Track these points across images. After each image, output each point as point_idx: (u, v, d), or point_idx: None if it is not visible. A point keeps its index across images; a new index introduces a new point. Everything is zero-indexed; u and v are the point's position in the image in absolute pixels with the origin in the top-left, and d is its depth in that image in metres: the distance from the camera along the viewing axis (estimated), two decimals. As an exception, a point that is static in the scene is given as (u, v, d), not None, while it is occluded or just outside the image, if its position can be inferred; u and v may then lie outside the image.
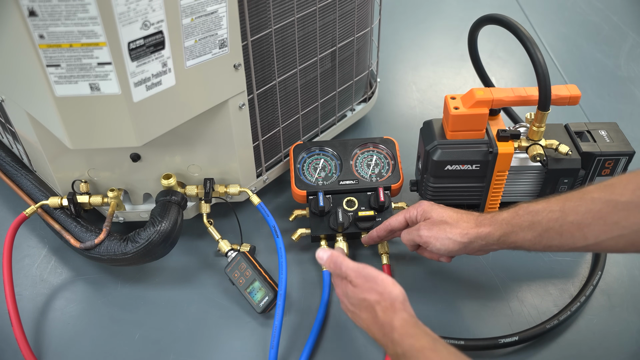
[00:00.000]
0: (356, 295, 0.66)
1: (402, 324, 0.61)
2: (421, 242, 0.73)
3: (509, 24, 0.77)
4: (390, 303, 0.63)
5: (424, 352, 0.58)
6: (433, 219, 0.73)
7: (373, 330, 0.64)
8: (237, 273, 0.80)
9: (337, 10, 0.87)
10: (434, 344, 0.59)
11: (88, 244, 0.78)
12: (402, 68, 1.31)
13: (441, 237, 0.71)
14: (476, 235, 0.69)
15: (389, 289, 0.64)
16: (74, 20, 0.56)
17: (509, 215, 0.68)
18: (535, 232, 0.65)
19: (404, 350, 0.59)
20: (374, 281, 0.65)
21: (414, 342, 0.59)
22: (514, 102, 0.82)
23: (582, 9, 1.52)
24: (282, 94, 0.87)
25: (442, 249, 0.71)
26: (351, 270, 0.67)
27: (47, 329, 0.79)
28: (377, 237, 0.82)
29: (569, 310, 0.78)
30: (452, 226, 0.71)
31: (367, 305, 0.64)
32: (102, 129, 0.66)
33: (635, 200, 0.58)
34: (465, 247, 0.70)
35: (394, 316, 0.62)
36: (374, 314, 0.64)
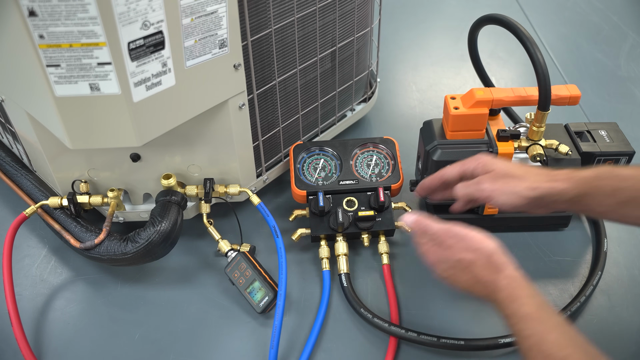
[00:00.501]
0: (451, 258, 0.63)
1: (507, 282, 0.58)
2: (482, 196, 0.67)
3: (509, 24, 0.77)
4: (487, 259, 0.60)
5: (529, 322, 0.56)
6: (497, 171, 0.67)
7: (476, 290, 0.62)
8: (237, 273, 0.80)
9: (337, 10, 0.87)
10: (538, 312, 0.56)
11: (88, 244, 0.78)
12: (402, 68, 1.31)
13: (506, 191, 0.65)
14: (547, 191, 0.63)
15: (484, 244, 0.61)
16: (74, 20, 0.56)
17: (589, 174, 0.62)
18: (616, 199, 0.60)
19: (507, 313, 0.58)
20: (465, 239, 0.62)
21: (518, 308, 0.57)
22: (514, 102, 0.82)
23: (582, 9, 1.52)
24: (282, 94, 0.87)
25: (507, 204, 0.65)
26: (441, 231, 0.65)
27: (47, 329, 0.79)
28: (429, 189, 0.76)
29: (569, 310, 0.78)
30: (519, 179, 0.65)
31: (464, 267, 0.62)
32: (102, 129, 0.66)
33: None
34: (531, 203, 0.65)
35: (497, 276, 0.59)
36: (473, 275, 0.61)
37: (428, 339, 0.74)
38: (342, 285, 0.82)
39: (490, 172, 0.67)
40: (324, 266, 0.83)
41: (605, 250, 0.86)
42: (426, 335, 0.74)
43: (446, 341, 0.73)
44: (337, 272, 0.84)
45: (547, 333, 0.54)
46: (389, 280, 0.83)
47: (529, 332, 0.55)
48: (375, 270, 0.86)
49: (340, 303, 0.82)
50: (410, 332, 0.74)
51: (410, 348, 0.76)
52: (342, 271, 0.83)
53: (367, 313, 0.77)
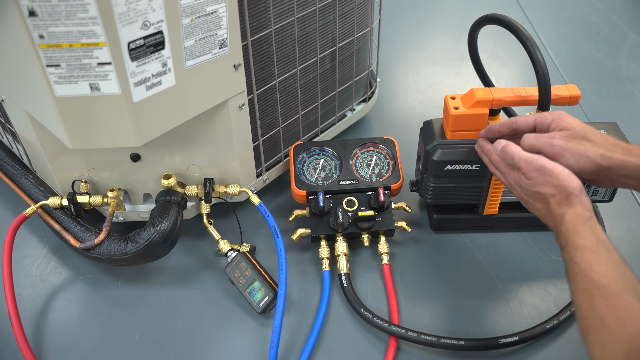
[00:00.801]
0: (530, 188, 0.64)
1: (572, 218, 0.59)
2: (552, 152, 0.65)
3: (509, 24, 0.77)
4: (566, 196, 0.60)
5: (583, 251, 0.57)
6: (574, 130, 0.65)
7: (546, 219, 0.63)
8: (237, 273, 0.80)
9: (337, 10, 0.87)
10: (596, 246, 0.57)
11: (88, 244, 0.78)
12: (402, 68, 1.31)
13: (578, 152, 0.63)
14: (620, 164, 0.62)
15: (565, 182, 0.61)
16: (74, 20, 0.56)
17: None
18: None
19: (565, 243, 0.59)
20: (549, 174, 0.62)
21: (576, 239, 0.58)
22: (514, 102, 0.82)
23: (582, 9, 1.52)
24: (282, 94, 0.87)
25: (575, 165, 0.63)
26: (524, 161, 0.64)
27: (47, 329, 0.79)
28: (498, 132, 0.74)
29: (569, 310, 0.78)
30: (594, 144, 0.63)
31: (541, 198, 0.63)
32: (102, 129, 0.66)
33: None
34: (600, 171, 0.63)
35: (567, 209, 0.60)
36: (547, 206, 0.62)
37: (428, 339, 0.74)
38: (342, 285, 0.82)
39: (568, 130, 0.65)
40: (324, 266, 0.83)
41: (605, 250, 0.86)
42: (426, 335, 0.74)
43: (446, 341, 0.73)
44: (337, 272, 0.84)
45: (597, 263, 0.56)
46: (389, 280, 0.83)
47: (579, 259, 0.57)
48: (375, 270, 0.86)
49: (340, 303, 0.82)
50: (410, 332, 0.74)
51: (410, 348, 0.76)
52: (342, 271, 0.83)
53: (367, 313, 0.77)
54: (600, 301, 0.53)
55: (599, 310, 0.53)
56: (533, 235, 0.90)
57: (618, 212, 0.94)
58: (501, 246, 0.89)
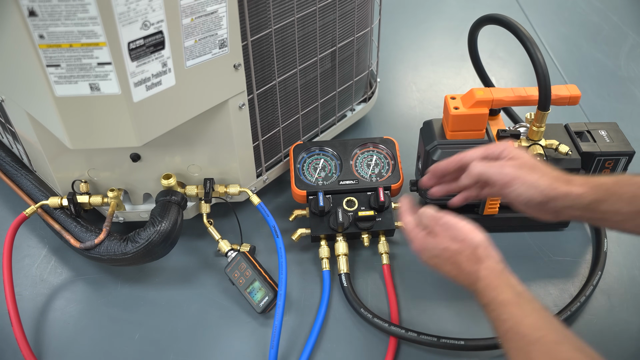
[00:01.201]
0: (437, 246, 0.63)
1: (486, 273, 0.59)
2: (502, 180, 0.63)
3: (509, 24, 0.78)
4: (472, 251, 0.61)
5: (507, 307, 0.56)
6: (523, 160, 0.64)
7: (460, 280, 0.62)
8: (237, 273, 0.80)
9: (337, 10, 0.87)
10: (517, 299, 0.56)
11: (88, 244, 0.78)
12: (402, 68, 1.31)
13: (528, 182, 0.62)
14: (565, 194, 0.61)
15: (470, 236, 0.62)
16: (74, 20, 0.56)
17: (609, 181, 0.60)
18: (634, 207, 0.58)
19: (487, 301, 0.58)
20: (453, 229, 0.63)
21: (496, 295, 0.57)
22: (514, 102, 0.82)
23: (582, 9, 1.52)
24: (282, 94, 0.87)
25: (524, 194, 0.62)
26: (429, 218, 0.65)
27: (47, 329, 0.79)
28: (445, 170, 0.72)
29: (569, 310, 0.78)
30: (542, 175, 0.62)
31: (449, 256, 0.62)
32: (102, 129, 0.66)
33: None
34: (546, 203, 0.62)
35: (480, 266, 0.60)
36: (458, 265, 0.62)
37: (428, 339, 0.74)
38: (342, 285, 0.82)
39: (517, 160, 0.65)
40: (324, 266, 0.83)
41: (605, 250, 0.86)
42: (426, 335, 0.74)
43: (446, 341, 0.73)
44: (337, 272, 0.84)
45: (524, 317, 0.55)
46: (389, 280, 0.83)
47: (506, 316, 0.56)
48: (375, 270, 0.86)
49: (340, 303, 0.82)
50: (410, 332, 0.74)
51: (410, 348, 0.76)
52: (342, 271, 0.83)
53: (367, 313, 0.77)
54: (539, 357, 0.52)
55: None
56: (533, 235, 0.90)
57: (618, 212, 0.94)
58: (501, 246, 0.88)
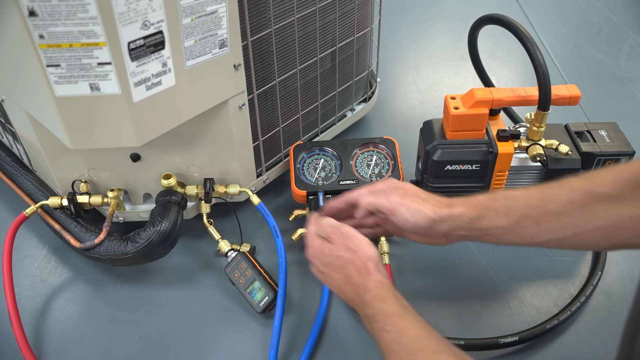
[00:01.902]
0: (331, 252, 0.65)
1: (375, 285, 0.61)
2: (388, 207, 0.67)
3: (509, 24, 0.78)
4: (364, 263, 0.63)
5: (391, 317, 0.58)
6: (406, 189, 0.68)
7: (346, 290, 0.64)
8: (237, 273, 0.80)
9: (337, 10, 0.87)
10: (402, 311, 0.59)
11: (88, 244, 0.78)
12: (402, 68, 1.31)
13: (413, 207, 0.65)
14: (448, 215, 0.64)
15: (364, 248, 0.64)
16: (74, 20, 0.56)
17: (485, 198, 0.64)
18: (511, 218, 0.61)
19: (373, 312, 0.60)
20: (350, 238, 0.65)
21: (382, 306, 0.59)
22: (514, 102, 0.82)
23: (582, 9, 1.52)
24: (282, 94, 0.87)
25: (410, 220, 0.65)
26: (330, 226, 0.67)
27: (47, 329, 0.79)
28: (335, 208, 0.75)
29: (569, 310, 0.78)
30: (424, 201, 0.66)
31: (340, 264, 0.64)
32: (102, 129, 0.66)
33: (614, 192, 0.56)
34: (433, 226, 0.65)
35: (369, 278, 0.62)
36: (347, 275, 0.63)
37: (428, 339, 0.74)
38: (342, 285, 0.81)
39: (401, 190, 0.69)
40: (324, 266, 0.83)
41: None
42: (426, 335, 0.74)
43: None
44: (337, 272, 0.83)
45: (406, 327, 0.57)
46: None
47: (390, 327, 0.58)
48: (375, 270, 0.86)
49: (340, 303, 0.81)
50: (410, 332, 0.74)
51: (410, 348, 0.76)
52: (342, 271, 0.82)
53: (367, 313, 0.77)
54: None
55: None
56: (533, 235, 0.90)
57: (618, 212, 0.94)
58: (501, 246, 0.89)
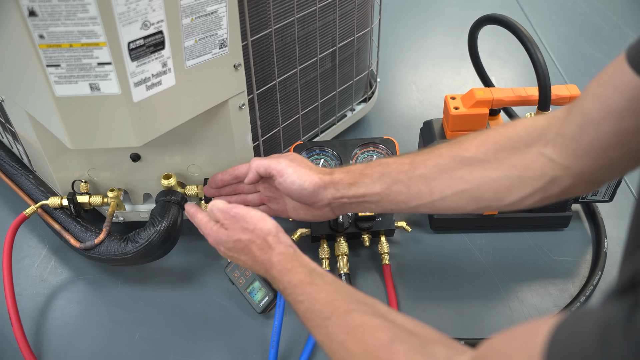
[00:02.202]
0: (229, 238, 0.65)
1: (279, 259, 0.61)
2: (277, 168, 0.69)
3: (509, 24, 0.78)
4: (263, 239, 0.62)
5: (301, 287, 0.58)
6: (295, 157, 0.72)
7: (257, 269, 0.64)
8: (237, 273, 0.80)
9: (337, 10, 0.87)
10: (310, 277, 0.58)
11: (88, 244, 0.78)
12: (402, 68, 1.31)
13: (300, 171, 0.68)
14: (329, 180, 0.67)
15: (259, 225, 0.63)
16: (74, 20, 0.56)
17: (362, 166, 0.68)
18: (384, 184, 0.64)
19: (284, 286, 0.60)
20: (243, 219, 0.64)
21: (290, 278, 0.59)
22: (514, 102, 0.82)
23: (582, 9, 1.52)
24: (282, 94, 0.87)
25: (297, 182, 0.68)
26: (220, 211, 0.66)
27: (47, 329, 0.79)
28: (221, 181, 0.77)
29: (569, 310, 0.78)
30: (311, 168, 0.70)
31: (242, 247, 0.64)
32: (102, 129, 0.66)
33: (478, 156, 0.58)
34: (317, 192, 0.68)
35: (272, 253, 0.62)
36: (252, 255, 0.63)
37: (428, 339, 0.74)
38: (342, 285, 0.82)
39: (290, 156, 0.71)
40: (324, 266, 0.83)
41: (605, 250, 0.86)
42: (426, 335, 0.74)
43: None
44: (337, 272, 0.84)
45: (317, 293, 0.56)
46: (389, 280, 0.83)
47: (301, 297, 0.57)
48: (375, 270, 0.86)
49: (340, 303, 0.82)
50: (410, 332, 0.74)
51: (410, 348, 0.76)
52: (342, 271, 0.83)
53: (367, 313, 0.77)
54: (336, 330, 0.53)
55: (338, 339, 0.52)
56: (533, 235, 0.90)
57: (618, 212, 0.94)
58: (501, 246, 0.89)
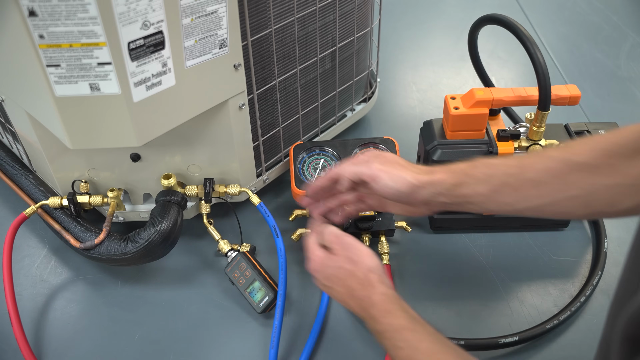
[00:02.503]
0: (334, 264, 0.64)
1: (381, 299, 0.60)
2: (369, 174, 0.66)
3: (509, 24, 0.78)
4: (365, 275, 0.62)
5: (402, 333, 0.57)
6: (387, 157, 0.68)
7: (351, 304, 0.63)
8: (237, 273, 0.80)
9: (337, 10, 0.87)
10: (412, 324, 0.57)
11: (88, 244, 0.78)
12: (402, 68, 1.31)
13: (394, 173, 0.65)
14: (428, 181, 0.64)
15: (365, 259, 0.63)
16: (74, 20, 0.56)
17: (465, 166, 0.65)
18: (490, 185, 0.62)
19: (383, 328, 0.59)
20: (351, 249, 0.64)
21: (391, 321, 0.58)
22: (514, 102, 0.82)
23: (582, 9, 1.52)
24: (282, 94, 0.87)
25: (391, 185, 0.65)
26: (333, 235, 0.66)
27: (47, 329, 0.79)
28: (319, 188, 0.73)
29: (569, 310, 0.78)
30: (405, 167, 0.66)
31: (343, 277, 0.63)
32: (102, 129, 0.66)
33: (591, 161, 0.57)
34: (414, 192, 0.65)
35: (373, 291, 0.61)
36: (349, 288, 0.62)
37: (428, 339, 0.74)
38: (342, 285, 0.81)
39: (382, 158, 0.68)
40: (324, 266, 0.83)
41: (605, 250, 0.86)
42: (426, 335, 0.74)
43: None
44: (337, 272, 0.83)
45: (419, 342, 0.56)
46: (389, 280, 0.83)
47: (402, 343, 0.56)
48: (375, 270, 0.86)
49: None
50: (410, 332, 0.74)
51: (410, 348, 0.76)
52: (342, 271, 0.82)
53: (367, 313, 0.77)
54: None
55: None
56: (533, 235, 0.90)
57: (618, 212, 0.94)
58: (501, 246, 0.89)
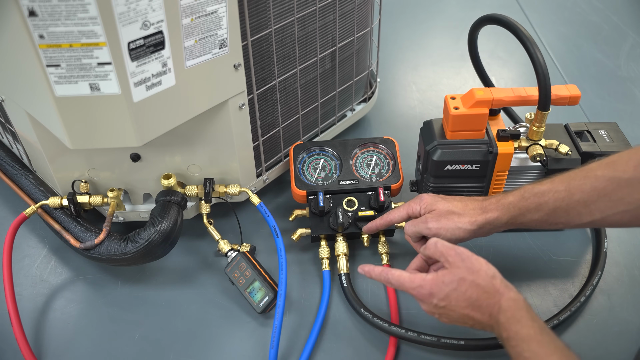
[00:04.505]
0: (453, 277, 0.62)
1: (509, 304, 0.59)
2: (430, 234, 0.72)
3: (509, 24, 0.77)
4: (489, 283, 0.61)
5: (530, 343, 0.56)
6: (439, 210, 0.72)
7: (474, 315, 0.61)
8: (237, 273, 0.80)
9: (337, 10, 0.87)
10: (541, 335, 0.57)
11: (88, 244, 0.78)
12: (402, 68, 1.31)
13: (450, 228, 0.70)
14: (485, 222, 0.70)
15: (484, 267, 0.62)
16: (74, 20, 0.56)
17: (515, 198, 0.69)
18: (542, 212, 0.66)
19: (509, 335, 0.58)
20: (469, 259, 0.63)
21: (519, 329, 0.57)
22: (514, 102, 0.82)
23: (582, 9, 1.52)
24: (282, 94, 0.87)
25: (452, 239, 0.70)
26: (445, 247, 0.65)
27: (47, 329, 0.79)
28: (376, 228, 0.81)
29: (569, 310, 0.78)
30: (459, 215, 0.71)
31: (464, 289, 0.61)
32: (102, 129, 0.66)
33: (637, 177, 0.59)
34: (474, 234, 0.70)
35: (501, 297, 0.60)
36: (473, 299, 0.61)
37: (428, 339, 0.74)
38: (342, 285, 0.82)
39: (434, 212, 0.73)
40: (324, 266, 0.83)
41: (605, 250, 0.86)
42: (426, 335, 0.74)
43: (446, 341, 0.73)
44: (337, 272, 0.84)
45: (547, 356, 0.55)
46: (389, 280, 0.83)
47: (529, 354, 0.56)
48: (375, 270, 0.86)
49: (340, 303, 0.82)
50: (410, 332, 0.74)
51: (410, 348, 0.76)
52: (342, 271, 0.83)
53: (367, 313, 0.77)
54: None
55: None
56: (533, 235, 0.90)
57: (618, 212, 0.94)
58: (501, 246, 0.89)
